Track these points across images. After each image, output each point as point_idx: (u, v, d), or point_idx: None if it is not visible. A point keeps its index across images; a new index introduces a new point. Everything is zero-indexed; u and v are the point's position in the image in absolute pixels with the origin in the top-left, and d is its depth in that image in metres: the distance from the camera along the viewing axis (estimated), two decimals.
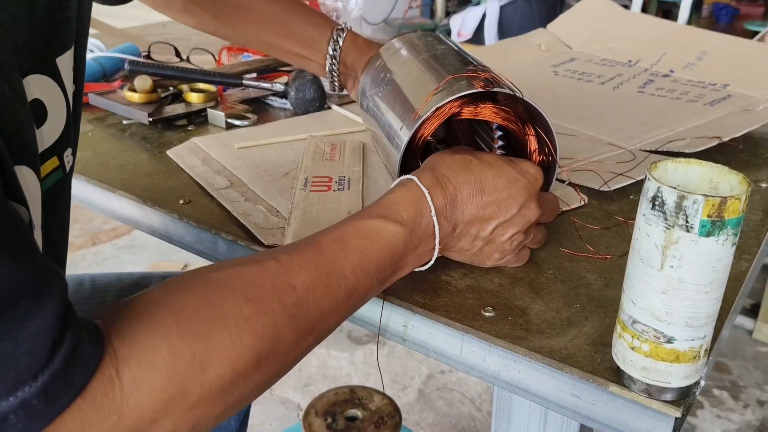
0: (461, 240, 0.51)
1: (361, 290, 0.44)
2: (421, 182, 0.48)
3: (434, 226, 0.48)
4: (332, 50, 0.74)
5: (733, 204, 0.34)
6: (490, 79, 0.52)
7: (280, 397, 1.53)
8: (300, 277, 0.41)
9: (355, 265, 0.44)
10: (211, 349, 0.35)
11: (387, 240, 0.45)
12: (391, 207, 0.47)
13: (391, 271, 0.47)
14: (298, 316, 0.39)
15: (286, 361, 0.40)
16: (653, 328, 0.38)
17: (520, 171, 0.51)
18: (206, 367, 0.35)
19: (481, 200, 0.49)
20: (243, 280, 0.39)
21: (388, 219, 0.46)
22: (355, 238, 0.45)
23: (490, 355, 0.47)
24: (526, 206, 0.50)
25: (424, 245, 0.48)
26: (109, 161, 0.75)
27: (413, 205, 0.47)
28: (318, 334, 0.42)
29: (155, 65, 0.89)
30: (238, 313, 0.37)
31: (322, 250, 0.43)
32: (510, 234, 0.51)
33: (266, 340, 0.38)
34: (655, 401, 0.40)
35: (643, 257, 0.37)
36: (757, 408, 1.54)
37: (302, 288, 0.40)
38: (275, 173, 0.71)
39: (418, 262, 0.49)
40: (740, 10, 5.08)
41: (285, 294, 0.39)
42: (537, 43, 1.16)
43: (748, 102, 0.89)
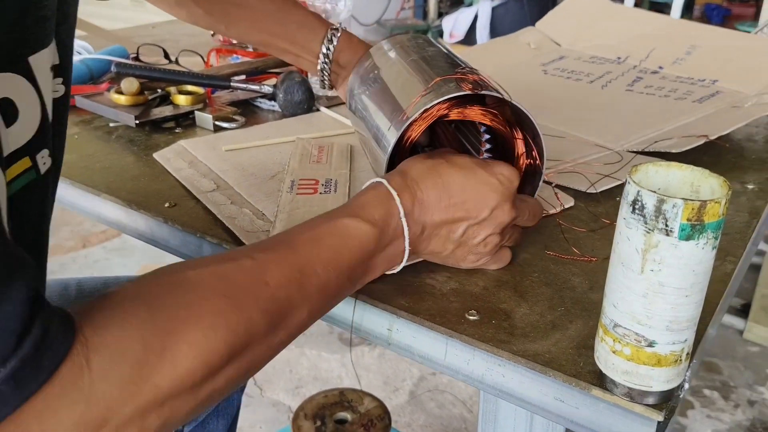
0: (431, 242, 0.51)
1: (332, 288, 0.45)
2: (390, 185, 0.49)
3: (403, 227, 0.48)
4: (326, 49, 0.75)
5: (713, 207, 0.34)
6: (478, 82, 0.52)
7: (271, 400, 1.53)
8: (273, 274, 0.41)
9: (328, 262, 0.44)
10: (183, 344, 0.35)
11: (359, 239, 0.46)
12: (363, 207, 0.48)
13: (362, 270, 0.47)
14: (270, 311, 0.40)
15: (258, 356, 0.40)
16: (634, 331, 0.37)
17: (492, 173, 0.51)
18: (178, 361, 0.35)
19: (449, 203, 0.50)
20: (219, 277, 0.39)
21: (360, 219, 0.47)
22: (328, 236, 0.46)
23: (474, 358, 0.47)
24: (498, 208, 0.50)
25: (393, 246, 0.49)
26: (94, 164, 0.75)
27: (383, 205, 0.48)
28: (290, 330, 0.42)
29: (142, 67, 0.88)
30: (214, 308, 0.37)
31: (297, 248, 0.44)
32: (483, 236, 0.51)
33: (240, 335, 0.38)
34: (637, 405, 0.40)
35: (623, 261, 0.37)
36: (748, 408, 1.54)
37: (275, 284, 0.41)
38: (262, 176, 0.71)
39: (389, 264, 0.50)
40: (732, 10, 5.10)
41: (259, 290, 0.40)
42: (526, 42, 1.16)
43: (737, 98, 0.89)
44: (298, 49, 0.77)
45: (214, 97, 0.95)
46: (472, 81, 0.51)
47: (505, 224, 0.51)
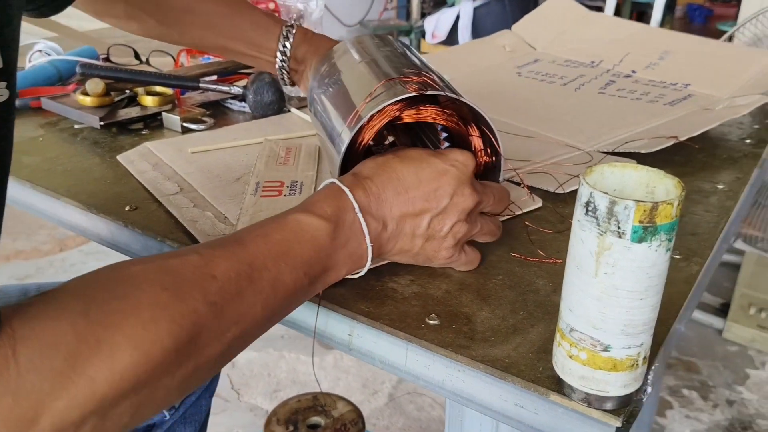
0: (398, 240, 0.50)
1: (287, 283, 0.43)
2: (341, 183, 0.48)
3: (360, 223, 0.47)
4: (282, 47, 0.74)
5: (665, 209, 0.33)
6: (423, 83, 0.51)
7: (248, 404, 1.51)
8: (221, 267, 0.40)
9: (278, 256, 0.43)
10: (120, 337, 0.34)
11: (311, 234, 0.45)
12: (313, 204, 0.47)
13: (320, 268, 0.46)
14: (219, 304, 0.39)
15: (209, 353, 0.39)
16: (590, 336, 0.37)
17: (446, 160, 0.50)
18: (115, 354, 0.33)
19: (407, 196, 0.49)
20: (161, 271, 0.38)
21: (311, 213, 0.46)
22: (278, 231, 0.45)
23: (434, 364, 0.46)
24: (457, 194, 0.49)
25: (353, 243, 0.48)
26: (56, 167, 0.73)
27: (334, 201, 0.47)
28: (244, 327, 0.41)
29: (108, 68, 0.87)
30: (154, 300, 0.36)
31: (245, 242, 0.43)
32: (449, 226, 0.50)
33: (185, 327, 0.36)
34: (595, 410, 0.39)
35: (578, 264, 0.36)
36: (726, 408, 1.55)
37: (224, 277, 0.40)
38: (227, 178, 0.69)
39: (353, 263, 0.48)
40: (714, 11, 5.15)
41: (205, 282, 0.39)
42: (502, 45, 1.16)
43: (709, 101, 0.89)
44: (255, 50, 0.76)
45: (183, 98, 0.93)
46: (419, 82, 0.51)
47: (468, 209, 0.50)
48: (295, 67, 0.76)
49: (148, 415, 0.37)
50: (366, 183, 0.49)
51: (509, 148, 0.74)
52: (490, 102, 0.92)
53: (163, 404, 0.37)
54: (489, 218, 0.54)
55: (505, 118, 0.86)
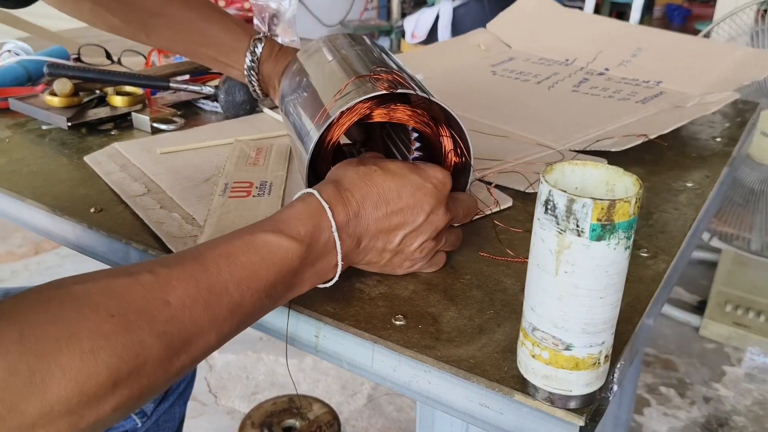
0: (368, 254, 0.49)
1: (247, 307, 0.41)
2: (321, 197, 0.46)
3: (335, 242, 0.46)
4: (250, 61, 0.73)
5: (622, 207, 0.33)
6: (394, 81, 0.50)
7: (225, 407, 1.50)
8: (176, 292, 0.38)
9: (241, 281, 0.41)
10: (55, 368, 0.32)
11: (279, 257, 0.43)
12: (288, 222, 0.45)
13: (284, 288, 0.44)
14: (169, 333, 0.37)
15: (153, 381, 0.37)
16: (551, 335, 0.37)
17: (426, 177, 0.49)
18: (47, 387, 0.32)
19: (385, 210, 0.48)
20: (109, 294, 0.36)
21: (283, 234, 0.44)
22: (244, 253, 0.42)
23: (400, 365, 0.46)
24: (433, 213, 0.49)
25: (324, 261, 0.46)
26: (22, 168, 0.72)
27: (312, 219, 0.45)
28: (195, 354, 0.39)
29: (76, 68, 0.86)
30: (96, 329, 0.34)
31: (206, 264, 0.40)
32: (419, 243, 0.50)
33: (127, 360, 0.35)
34: (558, 410, 0.39)
35: (539, 263, 0.36)
36: (703, 405, 1.56)
37: (177, 303, 0.37)
38: (196, 179, 0.68)
39: (318, 279, 0.47)
40: (692, 11, 5.20)
41: (156, 310, 0.37)
42: (477, 43, 1.16)
43: (680, 98, 0.90)
44: (223, 57, 0.75)
45: (154, 99, 0.92)
46: (390, 80, 0.50)
47: (439, 228, 0.50)
48: (263, 80, 0.75)
49: None
50: (346, 196, 0.47)
51: (481, 148, 0.74)
52: (464, 101, 0.92)
53: (98, 428, 0.36)
54: (452, 230, 0.54)
55: (479, 117, 0.86)
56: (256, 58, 0.73)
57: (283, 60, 0.72)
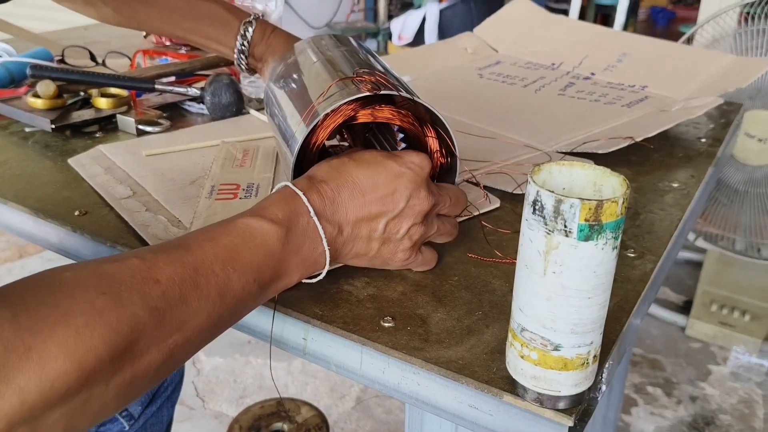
0: (354, 244, 0.49)
1: (236, 291, 0.42)
2: (295, 186, 0.47)
3: (316, 226, 0.46)
4: (240, 45, 0.74)
5: (610, 207, 0.33)
6: (377, 82, 0.50)
7: (213, 411, 1.49)
8: (164, 272, 0.38)
9: (226, 261, 0.41)
10: (51, 344, 0.32)
11: (261, 239, 0.44)
12: (265, 208, 0.46)
13: (271, 274, 0.44)
14: (161, 309, 0.37)
15: (149, 361, 0.37)
16: (540, 335, 0.37)
17: (402, 163, 0.49)
18: (45, 362, 0.32)
19: (363, 199, 0.48)
20: (98, 276, 0.36)
21: (261, 217, 0.45)
22: (225, 236, 0.43)
23: (389, 367, 0.46)
24: (413, 197, 0.49)
25: (308, 248, 0.46)
26: (5, 171, 0.71)
27: (287, 205, 0.46)
28: (187, 334, 0.39)
29: (60, 69, 0.85)
30: (89, 306, 0.34)
31: (190, 247, 0.41)
32: (405, 228, 0.49)
33: (122, 333, 0.35)
34: (547, 410, 0.39)
35: (527, 263, 0.36)
36: (690, 404, 1.57)
37: (167, 282, 0.38)
38: (182, 181, 0.68)
39: (306, 269, 0.47)
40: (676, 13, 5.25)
41: (147, 287, 0.37)
42: (464, 47, 1.16)
43: (665, 103, 0.91)
44: (214, 43, 0.77)
45: (140, 101, 0.91)
46: (373, 81, 0.50)
47: (425, 212, 0.50)
48: (254, 64, 0.76)
49: (82, 426, 0.35)
50: (321, 186, 0.48)
51: (469, 149, 0.74)
52: (451, 103, 0.92)
53: (98, 415, 0.36)
54: (445, 219, 0.54)
55: (466, 119, 0.86)
56: (246, 41, 0.74)
57: (274, 43, 0.73)
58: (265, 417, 1.05)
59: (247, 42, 0.73)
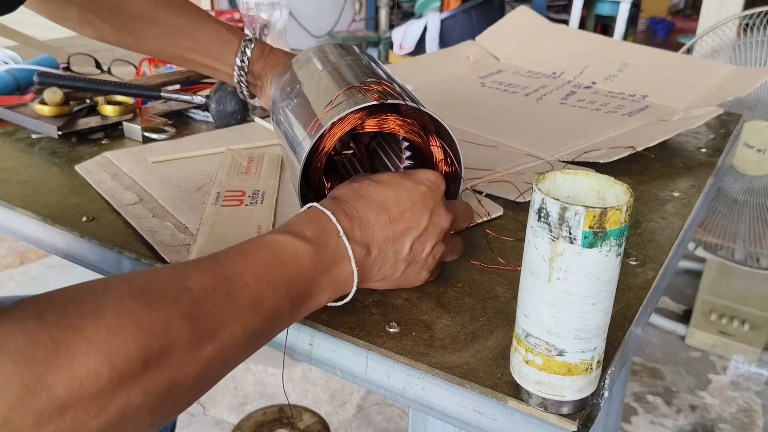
0: (383, 265, 0.49)
1: (269, 303, 0.41)
2: (322, 206, 0.47)
3: (345, 247, 0.46)
4: (240, 61, 0.74)
5: (614, 215, 0.33)
6: (383, 91, 0.51)
7: (214, 418, 1.49)
8: (196, 281, 0.38)
9: (258, 275, 0.41)
10: (80, 340, 0.31)
11: (291, 254, 0.43)
12: (294, 226, 0.46)
13: (302, 292, 0.44)
14: (195, 317, 0.36)
15: (185, 371, 0.36)
16: (544, 341, 0.37)
17: (418, 181, 0.50)
18: (74, 359, 0.30)
19: (387, 218, 0.48)
20: (129, 282, 0.35)
21: (291, 235, 0.44)
22: (256, 250, 0.43)
23: (394, 372, 0.46)
24: (435, 213, 0.49)
25: (337, 269, 0.46)
26: (12, 177, 0.72)
27: (316, 224, 0.46)
28: (221, 345, 0.38)
29: (67, 77, 0.85)
30: (120, 306, 0.33)
31: (221, 260, 0.41)
32: (430, 247, 0.50)
33: (156, 336, 0.34)
34: (551, 415, 0.40)
35: (532, 270, 0.37)
36: (690, 413, 1.57)
37: (199, 290, 0.37)
38: (188, 188, 0.69)
39: (335, 290, 0.47)
40: (675, 24, 5.27)
41: (179, 294, 0.36)
42: (465, 55, 1.17)
43: (665, 112, 0.92)
44: (213, 62, 0.76)
45: (145, 108, 0.92)
46: (380, 91, 0.51)
47: (445, 229, 0.50)
48: (254, 82, 0.77)
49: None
50: (347, 206, 0.48)
51: (472, 158, 0.75)
52: (453, 112, 0.93)
53: (128, 423, 0.33)
54: (452, 236, 0.54)
55: (468, 127, 0.87)
56: (246, 58, 0.74)
57: (273, 60, 0.74)
58: (267, 423, 1.05)
59: (247, 59, 0.74)
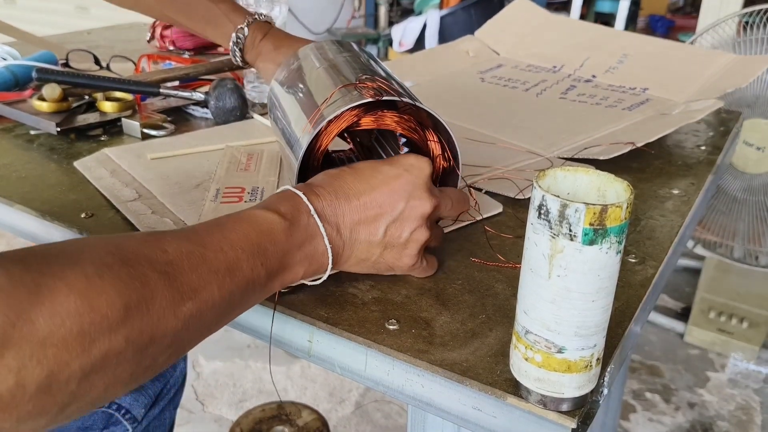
0: (354, 248, 0.49)
1: (245, 270, 0.42)
2: (294, 187, 0.49)
3: (317, 225, 0.47)
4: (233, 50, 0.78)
5: (614, 212, 0.33)
6: (379, 88, 0.51)
7: (213, 415, 1.49)
8: (172, 245, 0.39)
9: (234, 242, 0.42)
10: (61, 284, 0.31)
11: (267, 227, 0.44)
12: (269, 203, 0.47)
13: (277, 264, 0.45)
14: (172, 275, 0.37)
15: (164, 323, 0.36)
16: (544, 338, 0.37)
17: (399, 166, 0.50)
18: (56, 299, 0.31)
19: (358, 202, 0.48)
20: (105, 242, 0.36)
21: (268, 210, 0.46)
22: (233, 222, 0.44)
23: (394, 369, 0.46)
24: (413, 198, 0.49)
25: (311, 245, 0.47)
26: (10, 174, 0.72)
27: (289, 202, 0.47)
28: (201, 305, 0.39)
29: (65, 73, 0.85)
30: (98, 260, 0.34)
31: (197, 230, 0.42)
32: (407, 233, 0.49)
33: (134, 288, 0.34)
34: (551, 412, 0.40)
35: (532, 267, 0.37)
36: (688, 410, 1.57)
37: (174, 252, 0.38)
38: (187, 185, 0.68)
39: (309, 266, 0.47)
40: (675, 21, 5.28)
41: (154, 254, 0.37)
42: (465, 50, 1.17)
43: (666, 106, 0.91)
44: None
45: (144, 104, 0.92)
46: (375, 88, 0.51)
47: (427, 214, 0.50)
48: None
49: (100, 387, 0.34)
50: (318, 189, 0.49)
51: (471, 155, 0.75)
52: (453, 108, 0.93)
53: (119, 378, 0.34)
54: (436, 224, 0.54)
55: (468, 124, 0.86)
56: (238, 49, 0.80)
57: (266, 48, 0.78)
58: (266, 420, 1.05)
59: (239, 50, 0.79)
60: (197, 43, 1.23)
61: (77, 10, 2.90)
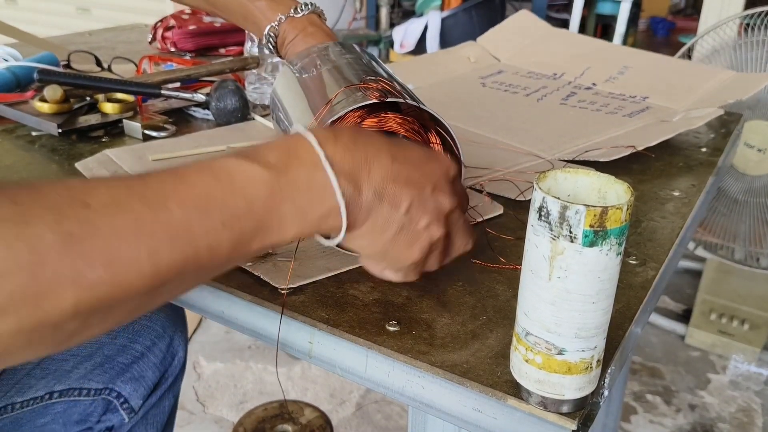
0: (372, 212, 0.41)
1: (197, 236, 0.35)
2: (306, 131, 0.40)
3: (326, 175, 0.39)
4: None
5: (614, 214, 0.33)
6: (383, 90, 0.51)
7: (213, 416, 1.49)
8: (100, 197, 0.32)
9: (187, 200, 0.35)
10: None
11: (241, 183, 0.37)
12: (257, 149, 0.39)
13: (251, 222, 0.37)
14: (78, 237, 0.31)
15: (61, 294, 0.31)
16: (545, 339, 0.37)
17: (433, 153, 0.47)
18: None
19: (391, 164, 0.41)
20: (27, 186, 0.32)
21: (245, 159, 0.38)
22: (196, 173, 0.36)
23: (394, 370, 0.46)
24: (438, 188, 0.44)
25: (307, 200, 0.39)
26: (11, 175, 0.72)
27: (285, 148, 0.39)
28: (120, 278, 0.32)
29: (67, 74, 0.85)
30: None
31: (149, 179, 0.35)
32: (425, 221, 0.43)
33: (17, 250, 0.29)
34: (551, 414, 0.40)
35: (532, 268, 0.37)
36: (689, 412, 1.57)
37: (98, 206, 0.32)
38: None
39: (307, 224, 0.40)
40: (676, 23, 5.27)
41: (70, 209, 0.31)
42: (466, 56, 1.17)
43: (666, 113, 0.92)
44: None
45: (145, 106, 0.92)
46: (379, 89, 0.51)
47: (445, 210, 0.45)
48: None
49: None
50: (341, 136, 0.41)
51: (472, 157, 0.75)
52: (454, 111, 0.93)
53: None
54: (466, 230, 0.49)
55: (469, 127, 0.86)
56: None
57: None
58: (268, 419, 1.05)
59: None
60: (198, 44, 1.23)
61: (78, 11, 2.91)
